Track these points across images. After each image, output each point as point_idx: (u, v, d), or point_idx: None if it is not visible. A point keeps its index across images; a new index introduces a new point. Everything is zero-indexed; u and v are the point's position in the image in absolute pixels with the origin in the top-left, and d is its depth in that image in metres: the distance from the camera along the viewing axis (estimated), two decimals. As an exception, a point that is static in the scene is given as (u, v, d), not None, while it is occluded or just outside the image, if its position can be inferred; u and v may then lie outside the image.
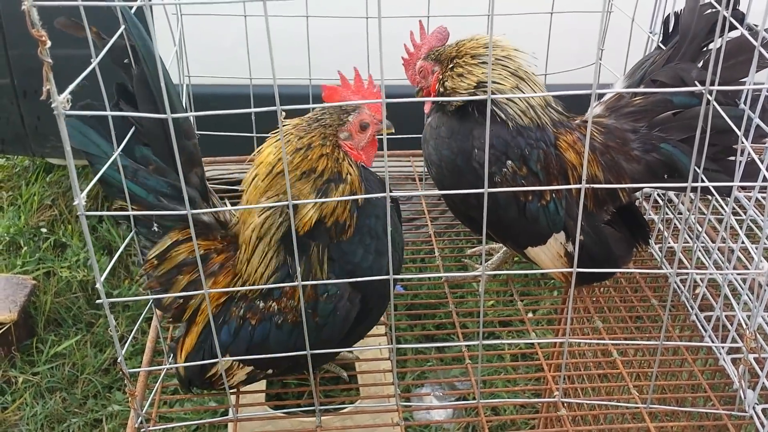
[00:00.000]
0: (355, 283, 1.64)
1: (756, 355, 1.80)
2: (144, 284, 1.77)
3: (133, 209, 1.67)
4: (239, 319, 1.70)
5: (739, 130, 1.70)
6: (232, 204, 1.88)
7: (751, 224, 1.87)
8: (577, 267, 1.54)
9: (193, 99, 2.41)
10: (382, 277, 1.56)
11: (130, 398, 1.68)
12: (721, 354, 1.93)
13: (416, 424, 2.37)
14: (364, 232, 1.69)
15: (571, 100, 2.04)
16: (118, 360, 1.59)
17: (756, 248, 1.70)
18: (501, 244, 2.30)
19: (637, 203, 2.44)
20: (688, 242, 2.14)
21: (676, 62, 2.01)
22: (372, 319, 1.81)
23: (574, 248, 1.55)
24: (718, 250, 1.98)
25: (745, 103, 1.83)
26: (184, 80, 2.32)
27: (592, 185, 1.77)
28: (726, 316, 1.94)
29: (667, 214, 2.30)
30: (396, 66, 2.05)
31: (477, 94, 1.92)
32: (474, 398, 1.85)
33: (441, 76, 2.00)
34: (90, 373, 3.83)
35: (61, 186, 4.96)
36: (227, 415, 1.83)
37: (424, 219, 2.56)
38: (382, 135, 1.41)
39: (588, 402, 1.88)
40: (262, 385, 2.10)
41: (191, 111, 2.14)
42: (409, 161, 2.70)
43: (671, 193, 2.33)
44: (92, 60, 1.41)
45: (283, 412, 1.96)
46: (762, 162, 1.62)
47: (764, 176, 1.59)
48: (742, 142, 1.70)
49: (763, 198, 1.76)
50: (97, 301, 1.48)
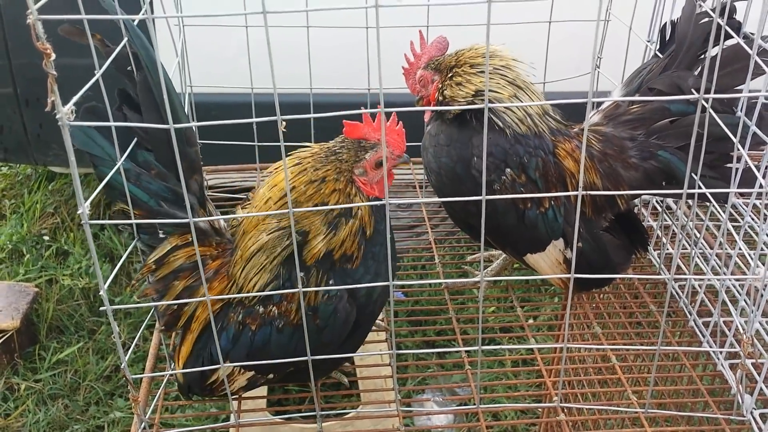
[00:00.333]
0: (352, 295, 1.68)
1: (753, 360, 1.81)
2: (140, 291, 1.77)
3: (134, 213, 1.68)
4: (238, 324, 1.72)
5: (736, 137, 1.72)
6: (236, 211, 1.89)
7: (748, 230, 1.89)
8: (576, 273, 1.56)
9: (194, 108, 2.42)
10: (383, 283, 1.60)
11: (133, 404, 1.70)
12: (719, 359, 1.95)
13: (417, 430, 2.37)
14: (368, 257, 1.73)
15: (569, 108, 2.06)
16: (122, 366, 1.60)
17: (753, 254, 1.71)
18: (501, 251, 2.32)
19: (635, 210, 2.46)
20: (686, 248, 2.15)
21: (673, 70, 2.02)
22: (358, 336, 1.83)
23: (573, 255, 1.57)
24: (716, 256, 2.00)
25: (741, 111, 1.85)
26: (186, 89, 2.33)
27: (588, 192, 1.79)
28: (724, 322, 1.96)
29: (665, 220, 2.31)
30: (395, 75, 2.07)
31: (475, 103, 1.94)
32: (474, 404, 1.87)
33: (440, 85, 2.03)
34: (92, 380, 3.84)
35: (63, 194, 4.97)
36: (229, 421, 1.85)
37: (425, 226, 2.57)
38: (381, 128, 1.44)
39: (587, 407, 1.89)
40: (263, 391, 2.11)
41: (193, 119, 2.16)
42: (410, 169, 2.71)
43: (670, 200, 2.35)
44: (96, 69, 1.43)
45: (283, 418, 1.97)
46: (758, 169, 1.63)
47: (761, 183, 1.61)
48: (739, 150, 1.72)
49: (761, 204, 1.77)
50: (101, 309, 1.50)
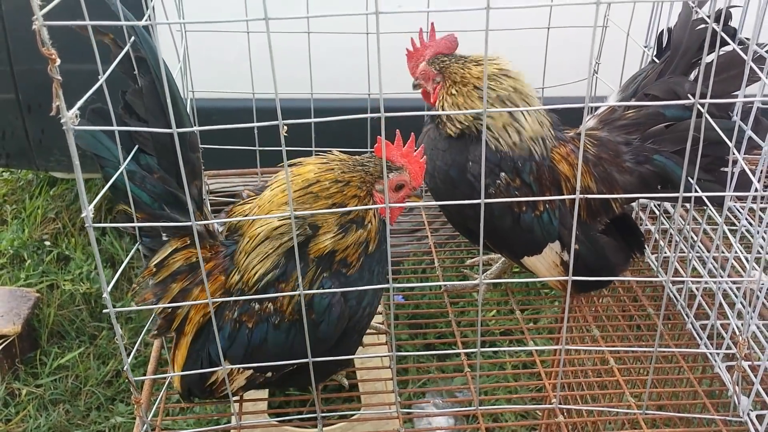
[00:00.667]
0: (344, 297, 1.72)
1: (750, 363, 1.83)
2: (139, 296, 1.79)
3: (137, 216, 1.71)
4: (234, 322, 1.73)
5: (731, 141, 1.74)
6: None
7: (745, 234, 1.90)
8: (574, 276, 1.58)
9: (196, 113, 2.44)
10: (382, 286, 1.62)
11: (135, 406, 1.71)
12: (716, 361, 1.96)
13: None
14: (365, 268, 1.76)
15: (565, 113, 2.08)
16: (124, 368, 1.62)
17: (749, 257, 1.73)
18: (499, 255, 2.33)
19: (633, 214, 2.47)
20: (683, 252, 2.17)
21: (669, 76, 2.04)
22: (350, 344, 1.85)
23: (570, 257, 1.59)
24: (713, 259, 2.01)
25: (737, 116, 1.87)
26: (188, 95, 2.35)
27: (584, 196, 1.81)
28: (721, 325, 1.97)
29: (663, 224, 2.33)
30: (395, 80, 2.08)
31: (472, 124, 1.98)
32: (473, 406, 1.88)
33: (442, 95, 2.04)
34: (93, 385, 3.85)
35: (64, 199, 4.99)
36: (229, 423, 1.86)
37: (425, 230, 2.58)
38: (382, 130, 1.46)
39: (585, 408, 1.90)
40: (264, 395, 2.12)
41: (195, 125, 2.18)
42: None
43: (667, 204, 2.37)
44: (100, 74, 1.45)
45: (280, 421, 1.98)
46: (753, 173, 1.65)
47: (756, 187, 1.62)
48: (734, 154, 1.74)
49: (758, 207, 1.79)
50: (104, 311, 1.51)
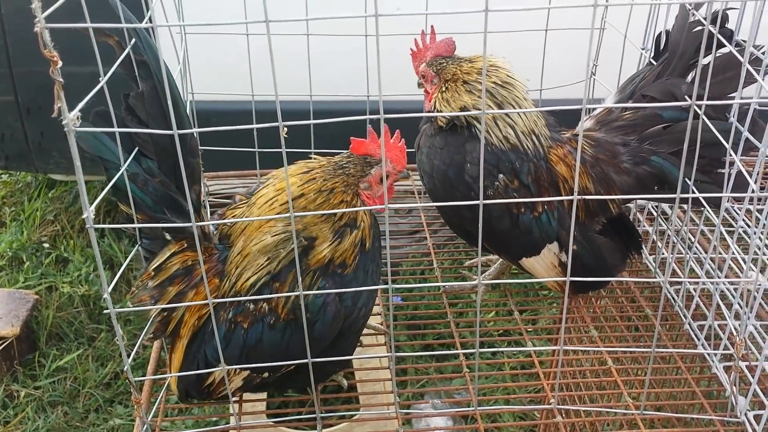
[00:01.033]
0: (339, 297, 1.73)
1: (747, 363, 1.84)
2: (136, 298, 1.80)
3: (137, 217, 1.72)
4: (229, 323, 1.75)
5: (728, 143, 1.75)
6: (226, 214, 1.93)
7: (742, 234, 1.91)
8: (572, 277, 1.59)
9: (195, 115, 2.44)
10: (382, 286, 1.63)
11: (135, 406, 1.72)
12: (713, 362, 1.97)
13: (416, 432, 2.41)
14: (360, 268, 1.79)
15: (563, 114, 2.09)
16: (125, 369, 1.63)
17: (746, 258, 1.74)
18: (496, 256, 2.34)
19: (631, 215, 2.48)
20: (681, 253, 2.18)
21: (666, 78, 2.04)
22: (347, 344, 1.86)
23: (568, 258, 1.59)
24: (710, 260, 2.02)
25: (733, 117, 1.88)
26: (187, 97, 2.36)
27: (583, 197, 1.81)
28: (719, 325, 1.98)
29: (660, 225, 2.34)
30: (394, 82, 2.09)
31: (459, 117, 1.99)
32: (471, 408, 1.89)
33: (436, 94, 2.05)
34: (91, 387, 3.86)
35: (63, 201, 4.99)
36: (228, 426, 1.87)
37: (424, 232, 2.59)
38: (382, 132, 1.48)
39: (583, 409, 1.91)
40: (262, 396, 2.13)
41: (195, 127, 2.18)
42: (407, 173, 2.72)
43: (665, 205, 2.38)
44: (101, 76, 1.45)
45: (279, 421, 1.98)
46: (750, 174, 1.66)
47: (752, 188, 1.63)
48: (731, 155, 1.75)
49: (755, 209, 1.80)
50: (105, 311, 1.52)
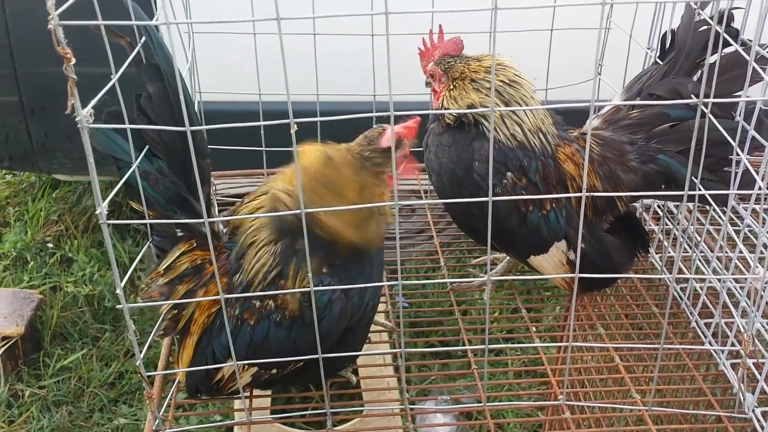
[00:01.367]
0: (345, 293, 1.73)
1: (755, 360, 1.85)
2: (146, 294, 1.82)
3: (149, 214, 1.74)
4: (236, 320, 1.75)
5: (735, 141, 1.76)
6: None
7: (748, 234, 1.92)
8: (580, 275, 1.60)
9: (203, 115, 2.45)
10: (391, 283, 1.65)
11: (147, 401, 1.73)
12: (720, 359, 1.98)
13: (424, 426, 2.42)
14: (364, 257, 1.78)
15: (569, 114, 2.11)
16: (137, 363, 1.64)
17: (753, 256, 1.75)
18: (503, 254, 2.36)
19: (637, 214, 2.49)
20: (687, 251, 2.19)
21: (673, 77, 2.06)
22: (355, 339, 1.87)
23: (576, 256, 1.61)
24: (717, 258, 2.04)
25: (740, 116, 1.89)
26: (195, 96, 2.37)
27: (592, 194, 1.83)
28: (726, 323, 1.99)
29: (666, 224, 2.35)
30: (401, 82, 2.10)
31: (466, 115, 2.00)
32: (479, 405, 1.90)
33: (444, 93, 2.06)
34: (96, 386, 3.87)
35: (67, 202, 5.01)
36: (231, 427, 1.88)
37: (430, 231, 2.59)
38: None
39: (591, 405, 1.93)
40: (267, 402, 2.15)
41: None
42: (415, 176, 2.74)
43: (671, 205, 2.39)
44: (113, 73, 1.47)
45: (288, 417, 2.00)
46: (757, 173, 1.68)
47: (759, 185, 1.65)
48: (738, 153, 1.76)
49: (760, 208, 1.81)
50: (117, 306, 1.53)
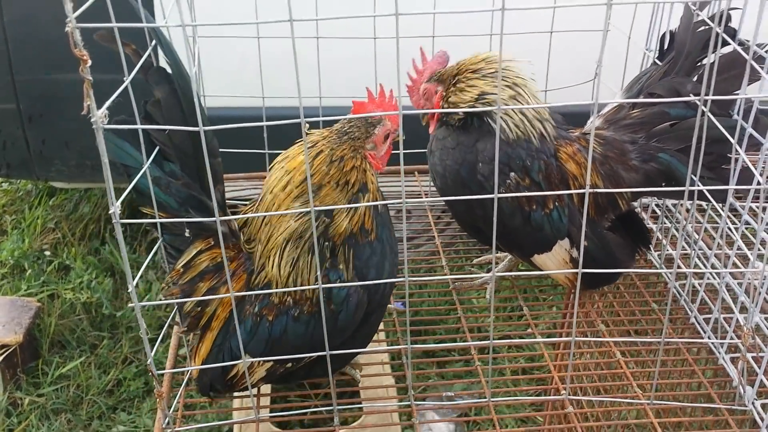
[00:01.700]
0: (361, 280, 1.77)
1: (754, 354, 1.89)
2: (166, 291, 1.85)
3: (161, 217, 1.76)
4: (255, 316, 1.79)
5: (733, 139, 1.80)
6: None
7: (745, 232, 1.96)
8: (583, 273, 1.63)
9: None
10: (398, 280, 1.68)
11: (157, 399, 1.75)
12: (720, 353, 2.02)
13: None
14: (375, 240, 1.81)
15: (569, 116, 2.15)
16: (148, 362, 1.66)
17: (751, 253, 1.78)
18: (506, 253, 2.38)
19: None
20: (686, 249, 2.23)
21: (672, 76, 2.10)
22: (371, 326, 1.90)
23: (579, 253, 1.63)
24: (715, 255, 2.07)
25: (738, 114, 1.93)
26: (201, 100, 2.39)
27: (595, 190, 1.86)
28: (724, 318, 2.03)
29: (665, 223, 2.38)
30: (403, 84, 2.14)
31: (477, 106, 2.02)
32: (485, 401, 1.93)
33: (445, 93, 2.10)
34: (94, 394, 3.86)
35: (63, 209, 5.01)
36: (231, 430, 1.91)
37: (431, 232, 2.62)
38: (398, 147, 1.52)
39: (594, 399, 1.96)
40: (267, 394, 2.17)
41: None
42: (414, 176, 2.77)
43: (669, 204, 2.42)
44: (126, 75, 1.50)
45: (297, 414, 2.01)
46: (756, 168, 1.71)
47: (758, 180, 1.68)
48: (737, 150, 1.80)
49: (757, 207, 1.84)
50: (129, 305, 1.56)
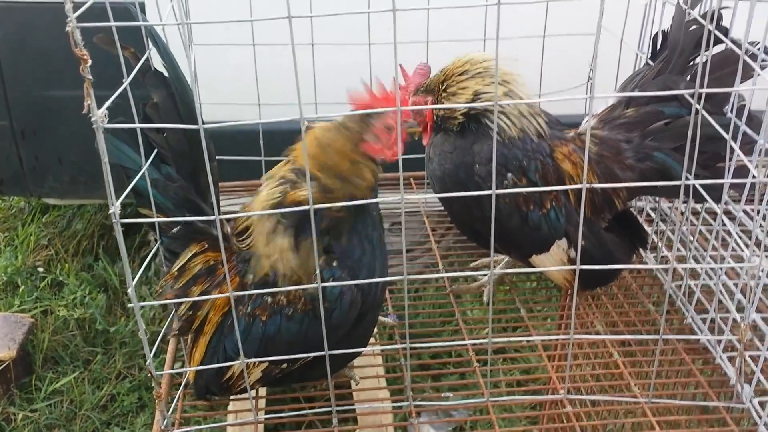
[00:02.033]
0: (354, 279, 1.76)
1: (752, 353, 1.90)
2: (161, 296, 1.85)
3: (159, 218, 1.77)
4: (248, 317, 1.79)
5: (729, 137, 1.81)
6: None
7: (740, 234, 1.97)
8: (581, 273, 1.64)
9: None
10: (397, 278, 1.68)
11: (156, 400, 1.76)
12: (717, 352, 2.03)
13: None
14: (363, 237, 1.82)
15: (565, 121, 2.16)
16: (147, 363, 1.66)
17: (747, 251, 1.80)
18: (503, 256, 2.39)
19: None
20: (681, 251, 2.24)
21: (666, 75, 2.11)
22: (366, 327, 1.91)
23: (577, 252, 1.64)
24: (712, 248, 2.09)
25: (732, 112, 1.95)
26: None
27: (592, 185, 1.87)
28: (721, 318, 2.04)
29: (660, 225, 2.40)
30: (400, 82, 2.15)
31: (474, 106, 2.03)
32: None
33: (437, 103, 2.11)
34: (88, 409, 3.85)
35: (56, 226, 5.01)
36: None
37: (428, 244, 2.61)
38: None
39: (592, 398, 1.96)
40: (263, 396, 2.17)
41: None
42: (410, 184, 2.78)
43: (665, 206, 2.44)
44: (125, 77, 1.51)
45: (295, 416, 2.01)
46: (747, 168, 1.73)
47: (753, 173, 1.70)
48: (732, 145, 1.81)
49: (752, 210, 1.86)
50: (128, 305, 1.56)
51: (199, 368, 1.82)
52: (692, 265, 2.15)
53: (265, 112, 2.59)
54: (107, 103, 1.38)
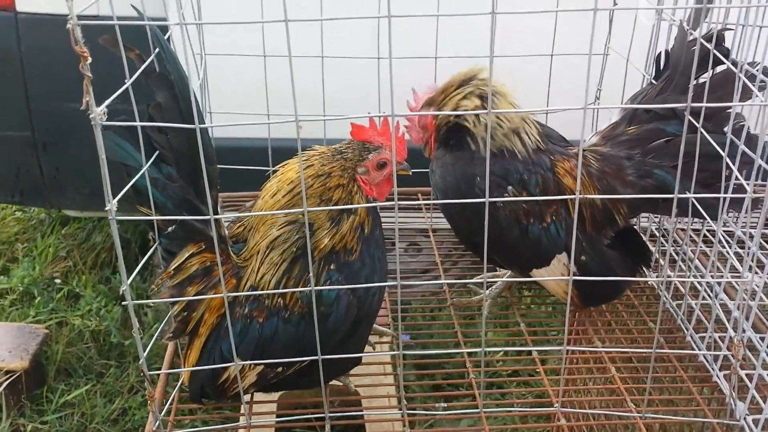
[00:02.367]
0: (351, 288, 1.79)
1: (747, 371, 1.89)
2: (157, 295, 1.86)
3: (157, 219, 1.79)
4: (245, 318, 1.81)
5: (725, 155, 1.82)
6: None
7: (739, 252, 1.97)
8: (583, 290, 1.64)
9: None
10: (391, 283, 1.70)
11: (149, 401, 1.76)
12: (713, 369, 2.02)
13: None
14: (366, 254, 1.85)
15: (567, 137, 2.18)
16: (140, 362, 1.67)
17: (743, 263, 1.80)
18: (505, 271, 2.41)
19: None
20: (682, 269, 2.24)
21: (668, 94, 2.13)
22: (360, 336, 1.93)
23: (576, 265, 1.65)
24: (711, 268, 2.08)
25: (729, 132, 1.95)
26: (207, 117, 2.43)
27: (585, 196, 1.88)
28: (719, 337, 2.03)
29: (662, 246, 2.40)
30: (403, 105, 2.18)
31: (456, 121, 2.09)
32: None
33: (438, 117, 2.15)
34: (99, 423, 3.85)
35: (76, 238, 5.06)
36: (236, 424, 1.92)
37: (437, 270, 2.62)
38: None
39: (586, 413, 1.96)
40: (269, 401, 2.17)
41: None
42: (424, 216, 2.80)
43: (668, 225, 2.44)
44: (127, 77, 1.54)
45: (288, 421, 2.02)
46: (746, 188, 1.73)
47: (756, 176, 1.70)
48: (728, 166, 1.82)
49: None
50: (123, 303, 1.58)
51: (193, 369, 1.84)
52: (686, 279, 2.15)
53: (275, 126, 2.62)
54: (107, 101, 1.39)
